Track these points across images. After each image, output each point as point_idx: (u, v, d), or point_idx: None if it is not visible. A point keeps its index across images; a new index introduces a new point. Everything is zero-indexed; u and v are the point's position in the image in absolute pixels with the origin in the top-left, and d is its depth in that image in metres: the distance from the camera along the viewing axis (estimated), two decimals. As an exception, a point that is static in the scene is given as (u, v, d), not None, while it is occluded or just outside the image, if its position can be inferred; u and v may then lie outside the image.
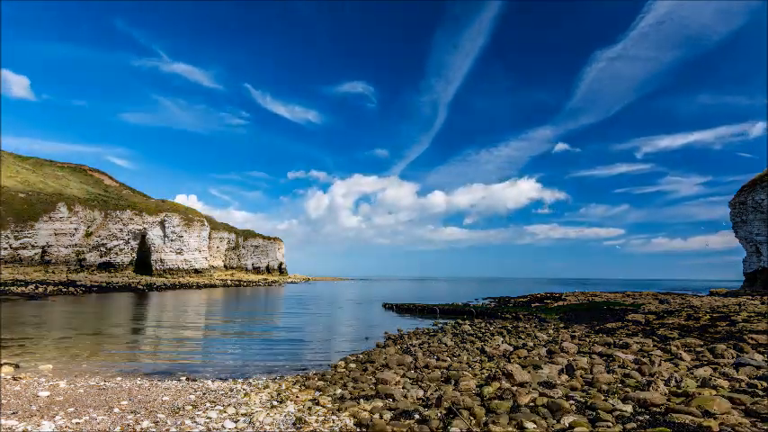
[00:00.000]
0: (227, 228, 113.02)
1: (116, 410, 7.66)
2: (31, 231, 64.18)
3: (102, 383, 9.85)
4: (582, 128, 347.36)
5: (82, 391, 9.00)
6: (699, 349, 12.98)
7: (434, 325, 23.94)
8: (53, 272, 65.82)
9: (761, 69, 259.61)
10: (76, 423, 6.90)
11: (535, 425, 6.47)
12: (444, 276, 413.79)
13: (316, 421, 7.20)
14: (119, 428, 6.73)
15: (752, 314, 21.33)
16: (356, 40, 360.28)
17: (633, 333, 17.72)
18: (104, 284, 57.83)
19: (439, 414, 7.20)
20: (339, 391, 9.26)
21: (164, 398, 8.63)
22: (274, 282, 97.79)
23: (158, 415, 7.43)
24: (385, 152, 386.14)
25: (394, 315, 31.61)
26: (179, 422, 7.06)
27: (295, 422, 7.12)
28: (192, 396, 8.85)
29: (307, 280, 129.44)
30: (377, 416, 7.36)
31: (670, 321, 20.53)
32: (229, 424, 7.00)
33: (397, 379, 10.18)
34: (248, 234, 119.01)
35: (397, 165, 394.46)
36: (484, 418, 6.91)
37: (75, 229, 71.57)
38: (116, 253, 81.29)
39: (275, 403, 8.35)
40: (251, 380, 10.79)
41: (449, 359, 12.88)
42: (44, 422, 6.84)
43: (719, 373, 9.45)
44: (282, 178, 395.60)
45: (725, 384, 8.39)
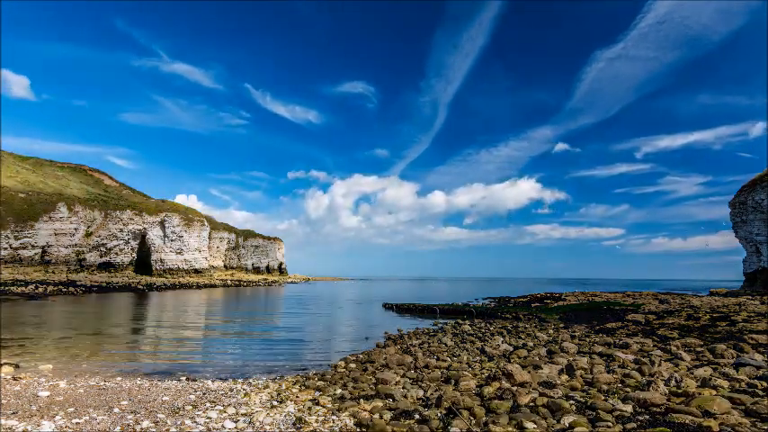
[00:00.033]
0: (227, 228, 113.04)
1: (116, 410, 7.66)
2: (31, 231, 64.17)
3: (102, 383, 9.85)
4: (582, 128, 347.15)
5: (82, 391, 9.01)
6: (699, 349, 12.98)
7: (434, 325, 23.93)
8: (53, 272, 65.82)
9: (761, 69, 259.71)
10: (76, 423, 6.90)
11: (535, 425, 6.47)
12: (444, 276, 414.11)
13: (316, 421, 7.20)
14: (119, 428, 6.73)
15: (752, 314, 21.34)
16: (356, 40, 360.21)
17: (633, 333, 17.72)
18: (104, 284, 57.83)
19: (439, 414, 7.20)
20: (339, 391, 9.26)
21: (164, 398, 8.63)
22: (274, 282, 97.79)
23: (158, 415, 7.43)
24: (385, 152, 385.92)
25: (394, 315, 31.61)
26: (179, 422, 7.06)
27: (295, 422, 7.12)
28: (192, 396, 8.85)
29: (306, 280, 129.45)
30: (377, 416, 7.36)
31: (670, 321, 20.53)
32: (229, 424, 7.00)
33: (397, 379, 10.18)
34: (248, 234, 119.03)
35: (397, 165, 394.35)
36: (484, 418, 6.91)
37: (75, 229, 71.57)
38: (116, 253, 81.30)
39: (275, 403, 8.35)
40: (251, 380, 10.79)
41: (449, 359, 12.88)
42: (44, 422, 6.84)
43: (719, 373, 9.45)
44: (282, 178, 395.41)
45: (725, 384, 8.39)
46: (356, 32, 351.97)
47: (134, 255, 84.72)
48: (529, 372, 9.81)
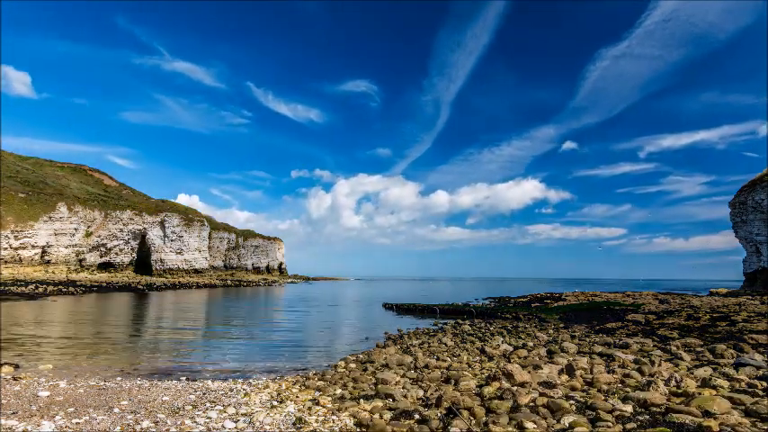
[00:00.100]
0: (226, 228, 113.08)
1: (116, 410, 7.66)
2: (31, 231, 64.17)
3: (102, 383, 9.85)
4: (585, 127, 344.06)
5: (82, 391, 9.01)
6: (699, 349, 12.99)
7: (434, 325, 23.94)
8: (53, 272, 65.82)
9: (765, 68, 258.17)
10: (76, 423, 6.90)
11: (535, 425, 6.46)
12: (445, 276, 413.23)
13: (316, 421, 7.19)
14: (119, 428, 6.73)
15: (752, 314, 21.34)
16: (359, 38, 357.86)
17: (633, 333, 17.72)
18: (104, 284, 57.83)
19: (439, 414, 7.20)
20: (339, 391, 9.26)
21: (164, 398, 8.63)
22: (274, 282, 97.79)
23: (158, 415, 7.43)
24: (387, 151, 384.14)
25: (394, 315, 31.61)
26: (179, 422, 7.06)
27: (295, 422, 7.12)
28: (192, 396, 8.85)
29: (307, 280, 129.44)
30: (377, 416, 7.36)
31: (670, 321, 20.53)
32: (229, 424, 7.00)
33: (397, 379, 10.18)
34: (248, 234, 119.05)
35: (399, 164, 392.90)
36: (484, 418, 6.91)
37: (75, 229, 71.56)
38: (116, 253, 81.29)
39: (275, 403, 8.35)
40: (251, 380, 10.79)
41: (449, 359, 12.88)
42: (44, 422, 6.84)
43: (719, 373, 9.45)
44: (285, 177, 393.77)
45: (725, 384, 8.39)
46: (359, 30, 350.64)
47: (134, 255, 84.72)
48: (529, 372, 9.81)
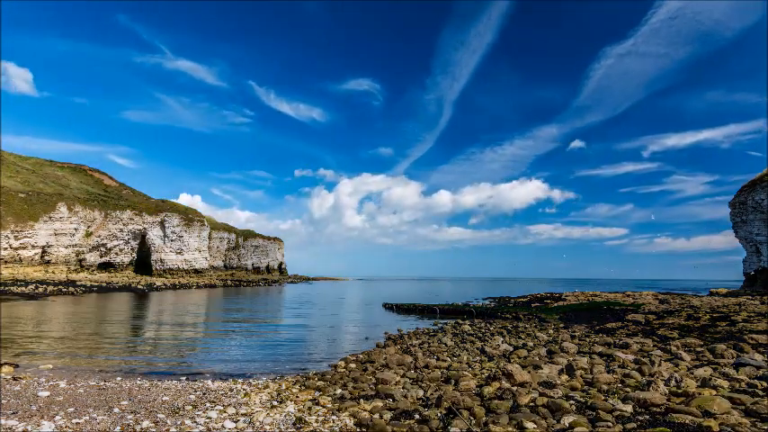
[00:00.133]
0: (226, 228, 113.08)
1: (116, 410, 7.66)
2: (31, 231, 64.17)
3: (102, 383, 9.86)
4: (589, 126, 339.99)
5: (82, 391, 9.01)
6: (699, 349, 12.98)
7: (434, 325, 23.94)
8: (53, 272, 65.82)
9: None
10: (76, 423, 6.90)
11: (535, 425, 6.46)
12: (447, 276, 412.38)
13: (316, 421, 7.20)
14: (119, 428, 6.73)
15: (752, 314, 21.34)
16: (361, 37, 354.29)
17: (633, 333, 17.72)
18: (104, 284, 57.83)
19: (439, 414, 7.20)
20: (339, 391, 9.26)
21: (164, 398, 8.63)
22: (274, 282, 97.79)
23: (158, 415, 7.43)
24: (389, 150, 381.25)
25: (394, 315, 31.62)
26: (179, 422, 7.06)
27: (295, 422, 7.12)
28: (192, 396, 8.85)
29: (307, 280, 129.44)
30: (377, 416, 7.36)
31: (670, 321, 20.53)
32: (229, 424, 7.00)
33: (397, 379, 10.18)
34: (248, 234, 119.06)
35: (401, 164, 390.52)
36: (484, 418, 6.91)
37: (75, 229, 71.56)
38: (116, 253, 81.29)
39: (275, 403, 8.35)
40: (251, 380, 10.79)
41: (449, 359, 12.88)
42: (44, 422, 6.84)
43: (719, 373, 9.45)
44: (287, 177, 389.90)
45: (725, 384, 8.39)
46: (362, 29, 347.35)
47: (134, 255, 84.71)
48: (529, 372, 9.81)
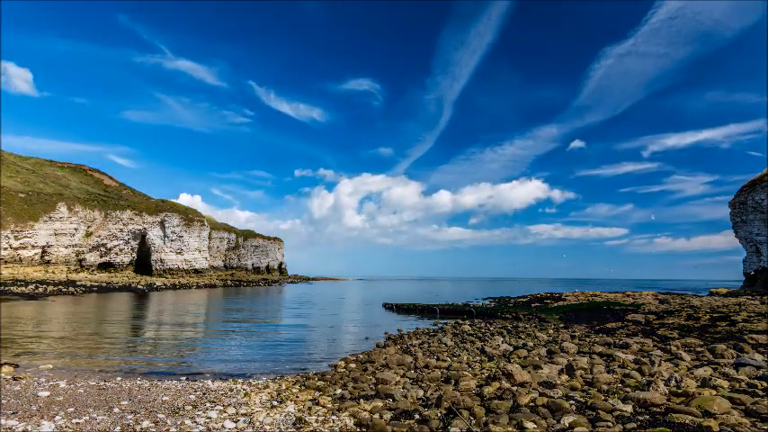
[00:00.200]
0: (226, 228, 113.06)
1: (116, 410, 7.66)
2: (31, 231, 64.15)
3: (102, 383, 9.85)
4: (588, 126, 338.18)
5: (82, 391, 9.00)
6: (699, 349, 12.98)
7: (434, 325, 23.94)
8: (53, 272, 65.81)
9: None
10: (76, 423, 6.90)
11: (535, 425, 6.46)
12: (447, 276, 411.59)
13: (316, 421, 7.19)
14: (119, 428, 6.73)
15: (752, 314, 21.34)
16: (362, 37, 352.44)
17: (633, 333, 17.72)
18: (104, 284, 57.82)
19: (439, 414, 7.20)
20: (339, 391, 9.26)
21: (164, 398, 8.63)
22: (274, 282, 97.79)
23: (158, 415, 7.43)
24: (389, 150, 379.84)
25: (394, 315, 31.61)
26: (179, 422, 7.06)
27: (295, 422, 7.12)
28: (192, 396, 8.85)
29: (306, 280, 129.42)
30: (377, 416, 7.36)
31: (670, 321, 20.53)
32: (229, 424, 7.00)
33: (397, 379, 10.18)
34: (248, 234, 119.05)
35: (401, 164, 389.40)
36: (484, 418, 6.91)
37: (75, 229, 71.54)
38: (116, 253, 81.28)
39: (275, 403, 8.35)
40: (251, 380, 10.79)
41: (449, 359, 12.88)
42: (44, 422, 6.84)
43: (719, 373, 9.45)
44: (287, 177, 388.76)
45: (725, 384, 8.39)
46: (362, 29, 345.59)
47: (134, 255, 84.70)
48: (529, 372, 9.81)
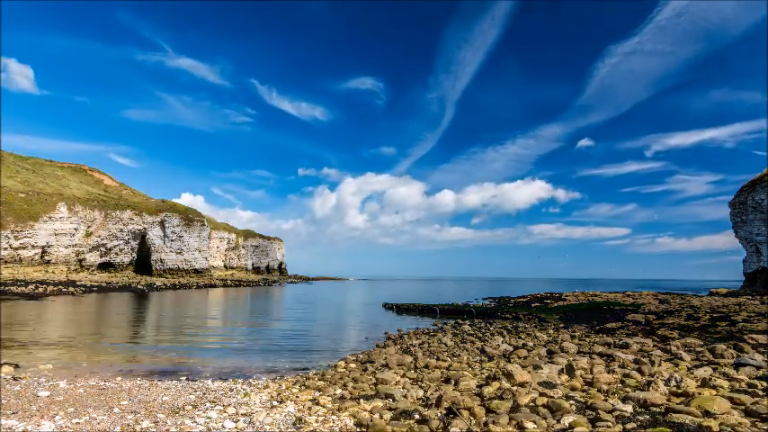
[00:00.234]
0: (226, 228, 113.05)
1: (116, 410, 7.66)
2: (31, 231, 64.14)
3: (102, 383, 9.85)
4: (592, 126, 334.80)
5: (82, 391, 9.00)
6: (699, 349, 12.98)
7: (434, 325, 23.94)
8: (53, 272, 65.80)
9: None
10: (76, 423, 6.90)
11: (535, 425, 6.46)
12: (448, 276, 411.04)
13: (316, 421, 7.19)
14: (119, 428, 6.73)
15: (752, 314, 21.35)
16: (364, 35, 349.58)
17: (633, 333, 17.72)
18: (104, 284, 57.82)
19: (439, 414, 7.20)
20: (339, 391, 9.26)
21: (164, 398, 8.63)
22: (274, 282, 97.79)
23: (158, 415, 7.43)
24: (391, 150, 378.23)
25: (394, 315, 31.61)
26: (179, 422, 7.06)
27: (295, 422, 7.12)
28: (192, 396, 8.85)
29: (307, 280, 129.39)
30: (377, 416, 7.36)
31: (670, 321, 20.53)
32: (229, 424, 7.00)
33: (397, 379, 10.18)
34: (248, 234, 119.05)
35: (402, 163, 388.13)
36: (484, 418, 6.91)
37: (75, 229, 71.53)
38: (116, 253, 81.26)
39: (275, 403, 8.35)
40: (251, 380, 10.79)
41: (449, 359, 12.88)
42: (44, 422, 6.84)
43: (719, 373, 9.45)
44: (291, 175, 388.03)
45: (725, 384, 8.38)
46: (364, 26, 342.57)
47: (134, 255, 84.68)
48: (529, 372, 9.81)
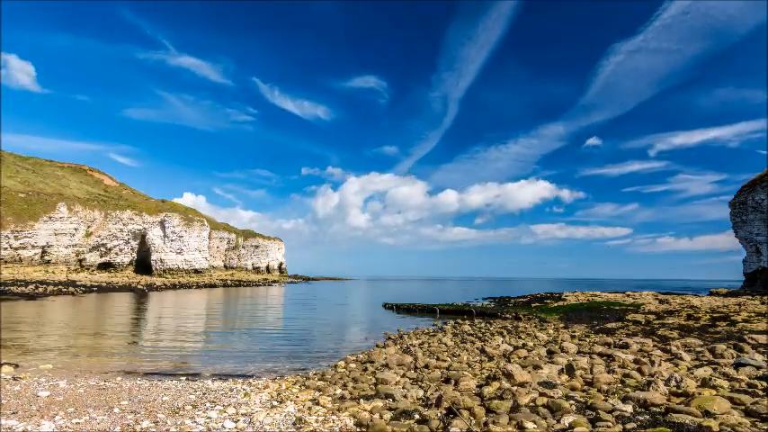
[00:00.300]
0: (226, 228, 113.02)
1: (116, 410, 7.66)
2: (31, 231, 64.13)
3: (102, 383, 9.85)
4: (595, 124, 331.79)
5: (82, 391, 9.00)
6: (699, 349, 12.98)
7: (434, 325, 23.94)
8: (53, 272, 65.79)
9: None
10: (76, 423, 6.90)
11: (535, 425, 6.46)
12: (449, 276, 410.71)
13: (316, 421, 7.19)
14: (119, 428, 6.73)
15: (752, 314, 21.35)
16: (367, 33, 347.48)
17: (633, 333, 17.72)
18: (104, 284, 57.82)
19: (439, 414, 7.20)
20: (339, 391, 9.26)
21: (164, 398, 8.63)
22: (274, 282, 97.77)
23: (158, 415, 7.43)
24: (394, 149, 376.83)
25: (394, 315, 31.61)
26: (179, 422, 7.06)
27: (295, 422, 7.12)
28: (192, 396, 8.85)
29: (307, 280, 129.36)
30: (377, 416, 7.36)
31: (670, 321, 20.53)
32: (229, 424, 7.00)
33: (397, 379, 10.18)
34: (248, 234, 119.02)
35: (404, 162, 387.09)
36: (484, 418, 6.91)
37: (75, 229, 71.52)
38: (116, 253, 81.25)
39: (275, 403, 8.35)
40: (251, 380, 10.79)
41: (449, 359, 12.88)
42: (44, 422, 6.84)
43: (719, 373, 9.45)
44: (294, 175, 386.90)
45: (725, 384, 8.38)
46: (367, 25, 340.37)
47: (134, 255, 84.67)
48: (529, 372, 9.81)
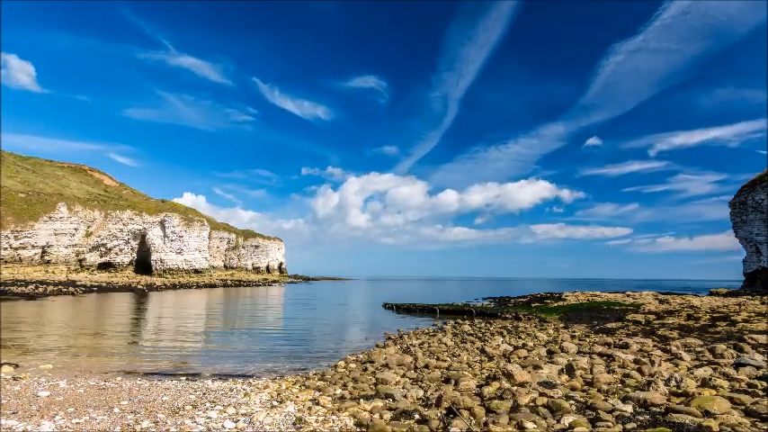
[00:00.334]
0: (226, 228, 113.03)
1: (116, 410, 7.66)
2: (31, 231, 64.13)
3: (102, 383, 9.85)
4: (595, 124, 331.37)
5: (82, 391, 9.00)
6: (699, 349, 12.98)
7: (434, 325, 23.94)
8: (53, 272, 65.79)
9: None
10: (76, 423, 6.89)
11: (535, 425, 6.46)
12: (450, 276, 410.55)
13: (316, 421, 7.19)
14: (119, 428, 6.73)
15: (752, 314, 21.35)
16: (367, 33, 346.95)
17: (633, 333, 17.72)
18: (104, 284, 57.81)
19: (439, 414, 7.20)
20: (339, 391, 9.26)
21: (164, 398, 8.63)
22: (274, 282, 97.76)
23: (158, 415, 7.43)
24: (394, 149, 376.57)
25: (394, 315, 31.61)
26: (179, 422, 7.06)
27: (295, 422, 7.12)
28: (192, 396, 8.85)
29: (307, 280, 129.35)
30: (377, 416, 7.36)
31: (670, 321, 20.54)
32: (229, 424, 7.00)
33: (397, 379, 10.18)
34: (248, 234, 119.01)
35: (404, 162, 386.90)
36: (484, 418, 6.91)
37: (75, 229, 71.51)
38: (116, 253, 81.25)
39: (275, 403, 8.35)
40: (251, 380, 10.79)
41: (449, 359, 12.88)
42: (44, 422, 6.84)
43: (719, 373, 9.45)
44: (294, 175, 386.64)
45: (725, 384, 8.39)
46: (367, 24, 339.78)
47: (134, 255, 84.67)
48: (529, 372, 9.81)
